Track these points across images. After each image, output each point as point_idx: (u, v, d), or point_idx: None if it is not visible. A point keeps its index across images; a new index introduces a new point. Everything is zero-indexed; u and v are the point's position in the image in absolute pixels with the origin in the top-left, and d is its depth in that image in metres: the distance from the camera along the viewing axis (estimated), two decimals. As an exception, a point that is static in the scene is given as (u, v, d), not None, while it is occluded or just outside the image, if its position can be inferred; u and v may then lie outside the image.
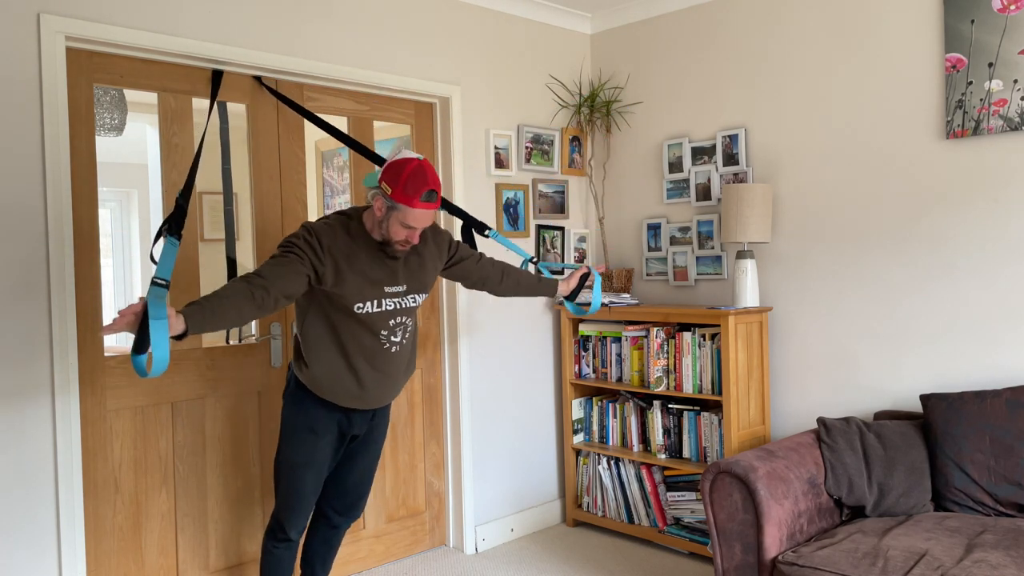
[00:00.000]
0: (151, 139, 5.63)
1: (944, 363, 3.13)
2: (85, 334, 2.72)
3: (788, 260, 3.57)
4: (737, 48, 3.72)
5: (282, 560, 2.68)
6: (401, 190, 2.33)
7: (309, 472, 2.58)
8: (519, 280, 2.98)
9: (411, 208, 2.35)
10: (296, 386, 2.59)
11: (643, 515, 3.77)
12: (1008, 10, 2.91)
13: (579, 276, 3.10)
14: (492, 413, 3.87)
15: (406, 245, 2.46)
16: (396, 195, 2.34)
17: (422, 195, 2.34)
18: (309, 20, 3.22)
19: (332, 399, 2.55)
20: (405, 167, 2.35)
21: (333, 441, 2.61)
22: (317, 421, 2.57)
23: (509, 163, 3.91)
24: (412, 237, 2.44)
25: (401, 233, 2.41)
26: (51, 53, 2.58)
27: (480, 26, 3.81)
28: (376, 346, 2.53)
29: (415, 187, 2.33)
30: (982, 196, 3.03)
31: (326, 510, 2.79)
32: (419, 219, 2.38)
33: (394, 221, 2.39)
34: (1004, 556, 2.32)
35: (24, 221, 2.55)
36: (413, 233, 2.43)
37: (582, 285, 3.10)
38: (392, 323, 2.55)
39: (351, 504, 2.79)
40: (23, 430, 2.55)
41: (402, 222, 2.38)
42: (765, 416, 3.54)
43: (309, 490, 2.60)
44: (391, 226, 2.40)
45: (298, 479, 2.58)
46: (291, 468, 2.58)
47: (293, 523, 2.63)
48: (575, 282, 3.09)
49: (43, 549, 2.58)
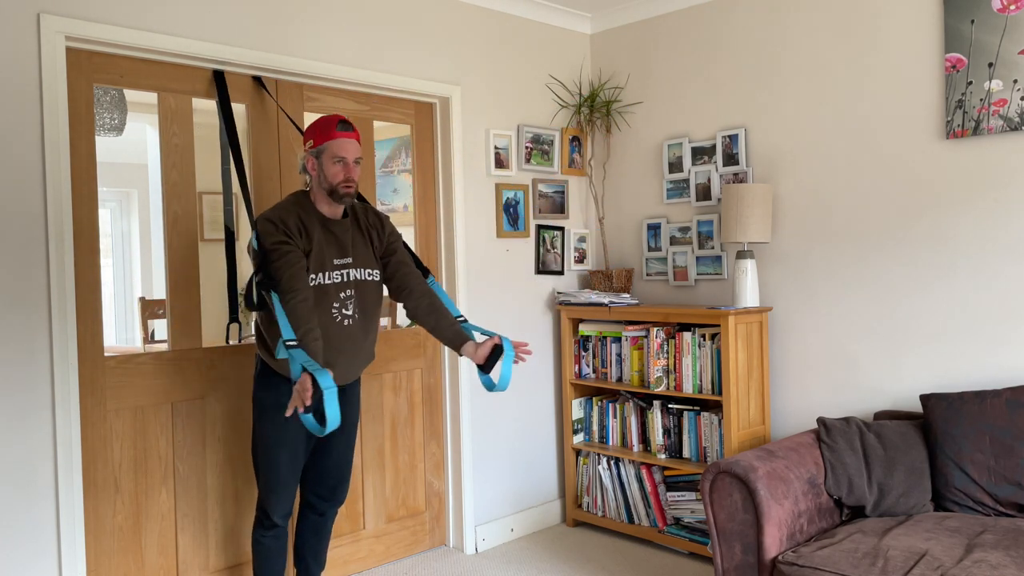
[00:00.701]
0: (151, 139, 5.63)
1: (944, 363, 3.13)
2: (85, 334, 2.73)
3: (788, 260, 3.57)
4: (737, 48, 3.72)
5: (271, 550, 2.70)
6: (318, 133, 2.57)
7: (284, 451, 2.63)
8: (436, 309, 2.72)
9: (332, 140, 2.54)
10: (263, 368, 2.66)
11: (643, 515, 3.77)
12: (1008, 10, 2.91)
13: (491, 345, 2.65)
14: (492, 413, 3.87)
15: (350, 184, 2.57)
16: (317, 139, 2.57)
17: (337, 125, 2.55)
18: (309, 20, 3.22)
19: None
20: (315, 121, 2.61)
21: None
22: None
23: (509, 163, 3.91)
24: (349, 172, 2.56)
25: (338, 172, 2.55)
26: (51, 53, 2.58)
27: (480, 26, 3.82)
28: (328, 320, 2.58)
29: (326, 123, 2.56)
30: (982, 196, 3.03)
31: (309, 497, 2.83)
32: (344, 147, 2.55)
33: (327, 164, 2.55)
34: (1004, 556, 2.32)
35: (24, 221, 2.55)
36: (348, 168, 2.56)
37: (497, 356, 2.65)
38: (343, 295, 2.61)
39: (332, 488, 2.83)
40: (23, 430, 2.55)
41: (332, 158, 2.54)
42: (765, 416, 3.54)
43: (286, 470, 2.64)
44: (327, 170, 2.56)
45: (274, 459, 2.63)
46: (266, 449, 2.63)
47: (275, 506, 2.65)
48: (486, 350, 2.64)
49: (43, 549, 2.59)
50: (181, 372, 2.96)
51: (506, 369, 2.62)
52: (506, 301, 3.91)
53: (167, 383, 2.92)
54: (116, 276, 6.80)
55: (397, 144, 4.58)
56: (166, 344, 3.00)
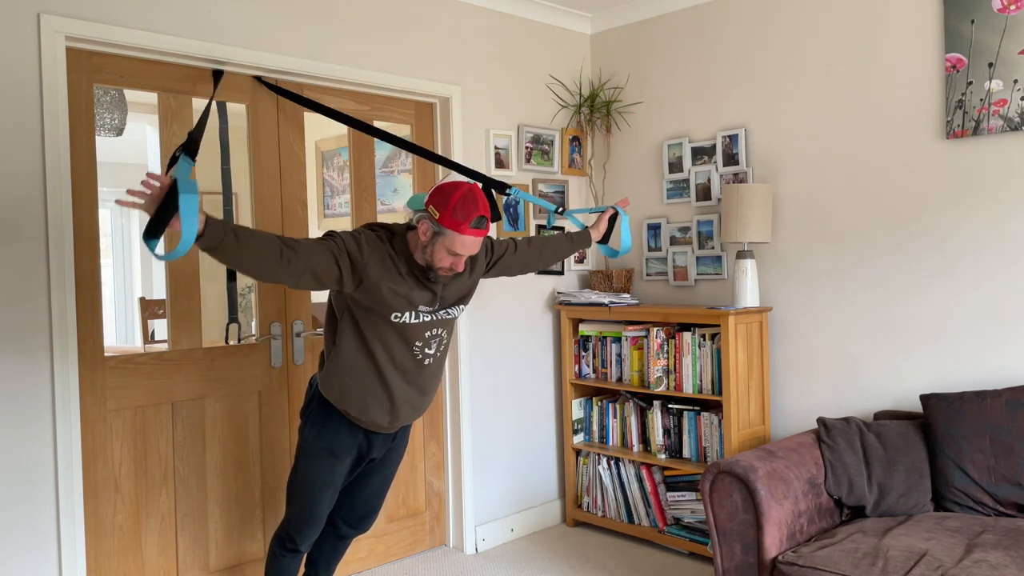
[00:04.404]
0: (151, 139, 5.63)
1: (944, 363, 3.13)
2: (85, 334, 2.72)
3: (788, 260, 3.57)
4: (737, 48, 3.72)
5: (288, 567, 2.67)
6: (450, 215, 2.24)
7: (326, 493, 2.54)
8: (556, 247, 2.92)
9: (459, 235, 2.25)
10: (319, 404, 2.50)
11: (643, 515, 3.77)
12: (1008, 10, 2.91)
13: (607, 219, 3.06)
14: (492, 413, 3.87)
15: (450, 272, 2.35)
16: (444, 220, 2.24)
17: (472, 221, 2.24)
18: (309, 20, 3.22)
19: (358, 415, 2.45)
20: (455, 192, 2.26)
21: (351, 463, 2.56)
22: (338, 444, 2.49)
23: (509, 163, 3.91)
24: (457, 265, 2.33)
25: (447, 260, 2.31)
26: (51, 53, 2.58)
27: (480, 26, 3.81)
28: (408, 358, 2.44)
29: (465, 212, 2.24)
30: (982, 196, 3.03)
31: (336, 520, 2.76)
32: (467, 246, 2.29)
33: (440, 247, 2.29)
34: (1004, 556, 2.32)
35: (24, 221, 2.55)
36: (459, 261, 2.32)
37: (612, 226, 3.07)
38: (428, 335, 2.45)
39: (361, 517, 2.75)
40: (23, 430, 2.55)
41: (448, 248, 2.29)
42: (765, 416, 3.54)
43: (323, 509, 2.57)
44: (436, 252, 2.30)
45: (314, 500, 2.53)
46: (308, 488, 2.52)
47: (304, 538, 2.60)
48: (604, 225, 3.05)
49: (43, 549, 2.58)
50: (181, 372, 2.96)
51: (625, 234, 3.06)
52: (506, 301, 3.91)
53: (167, 383, 2.92)
54: (116, 276, 6.80)
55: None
56: (166, 344, 3.00)
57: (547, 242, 2.91)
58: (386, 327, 2.39)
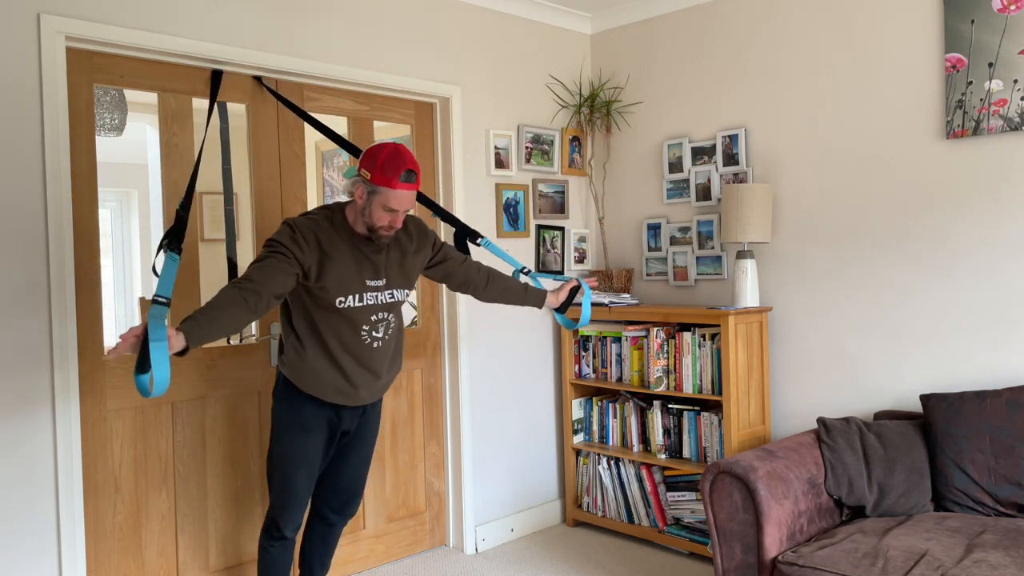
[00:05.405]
0: (151, 139, 5.63)
1: (944, 363, 3.13)
2: (85, 334, 2.72)
3: (788, 260, 3.57)
4: (737, 48, 3.72)
5: (278, 558, 2.69)
6: (380, 173, 2.37)
7: (301, 469, 2.60)
8: (507, 287, 2.91)
9: (392, 190, 2.37)
10: (284, 384, 2.61)
11: (643, 515, 3.77)
12: (1008, 10, 2.91)
13: (569, 289, 2.98)
14: (492, 413, 3.87)
15: (390, 230, 2.47)
16: (375, 179, 2.38)
17: (401, 175, 2.37)
18: (309, 20, 3.22)
19: (320, 395, 2.56)
20: (382, 151, 2.39)
21: (324, 438, 2.63)
22: (307, 418, 2.58)
23: (509, 163, 3.91)
24: (395, 221, 2.45)
25: (384, 218, 2.43)
26: (51, 53, 2.58)
27: (480, 26, 3.81)
28: (357, 342, 2.55)
29: (394, 168, 2.37)
30: (982, 196, 3.03)
31: (322, 509, 2.81)
32: (400, 200, 2.40)
33: (376, 206, 2.41)
34: (1004, 556, 2.32)
35: (24, 221, 2.55)
36: (396, 217, 2.44)
37: (572, 298, 2.98)
38: (374, 318, 2.56)
39: (346, 501, 2.81)
40: (23, 430, 2.55)
41: (384, 205, 2.40)
42: (765, 416, 3.54)
43: (302, 487, 2.62)
44: (373, 211, 2.42)
45: (291, 477, 2.59)
46: (283, 466, 2.60)
47: (288, 520, 2.64)
48: (564, 294, 2.98)
49: (43, 549, 2.58)
50: (181, 372, 2.96)
51: (586, 307, 2.95)
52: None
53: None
54: (116, 276, 6.80)
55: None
56: (166, 344, 3.00)
57: (500, 278, 2.91)
58: (332, 314, 2.50)
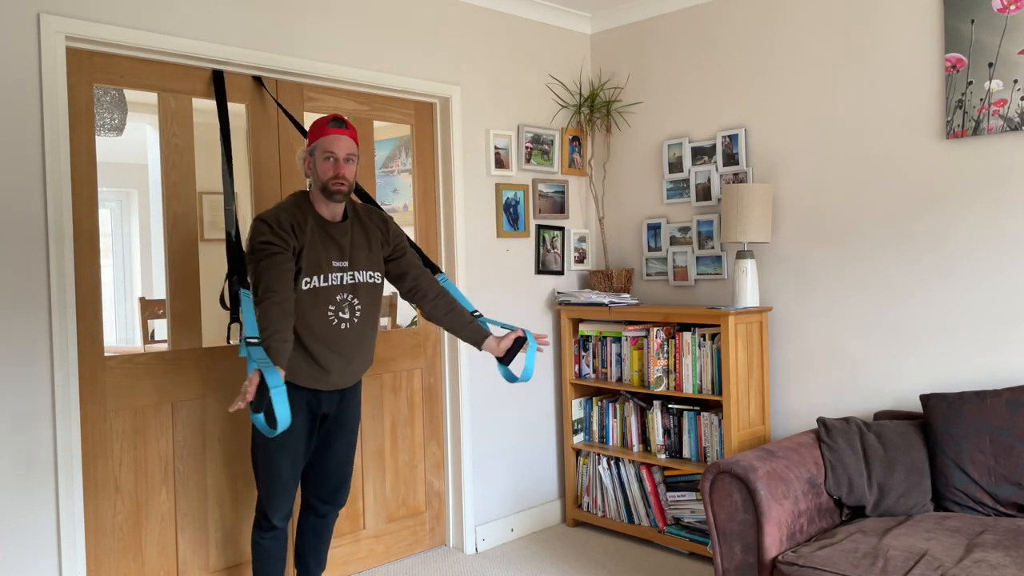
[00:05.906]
0: (151, 139, 5.63)
1: (944, 363, 3.13)
2: (85, 334, 2.72)
3: (788, 260, 3.57)
4: (737, 48, 3.72)
5: (271, 551, 2.70)
6: (313, 131, 2.60)
7: (284, 455, 2.62)
8: (454, 309, 2.81)
9: (324, 136, 2.57)
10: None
11: (643, 515, 3.77)
12: (1008, 10, 2.91)
13: (512, 339, 2.79)
14: (492, 413, 3.87)
15: (340, 181, 2.57)
16: (311, 137, 2.61)
17: (329, 122, 2.58)
18: (309, 20, 3.22)
19: (294, 380, 2.60)
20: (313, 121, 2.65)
21: (305, 422, 2.65)
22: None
23: (509, 163, 3.91)
24: (340, 169, 2.57)
25: (328, 169, 2.57)
26: (51, 53, 2.58)
27: (480, 26, 3.82)
28: (325, 324, 2.58)
29: (321, 122, 2.59)
30: (982, 196, 3.03)
31: (311, 500, 2.83)
32: (334, 143, 2.57)
33: (319, 160, 2.57)
34: (1004, 556, 2.32)
35: (24, 221, 2.55)
36: (338, 164, 2.57)
37: (517, 349, 2.80)
38: (339, 298, 2.61)
39: (335, 489, 2.82)
40: (23, 430, 2.55)
41: (323, 154, 2.56)
42: (765, 416, 3.54)
43: (287, 474, 2.63)
44: (319, 166, 2.58)
45: (274, 463, 2.61)
46: (266, 454, 2.61)
47: (275, 509, 2.65)
48: (507, 344, 2.78)
49: (43, 549, 2.59)
50: (181, 372, 2.96)
51: (530, 360, 2.77)
52: (506, 301, 3.91)
53: (167, 383, 2.92)
54: (116, 276, 6.80)
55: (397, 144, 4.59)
56: (166, 344, 3.00)
57: (450, 299, 2.83)
58: (301, 295, 2.55)
